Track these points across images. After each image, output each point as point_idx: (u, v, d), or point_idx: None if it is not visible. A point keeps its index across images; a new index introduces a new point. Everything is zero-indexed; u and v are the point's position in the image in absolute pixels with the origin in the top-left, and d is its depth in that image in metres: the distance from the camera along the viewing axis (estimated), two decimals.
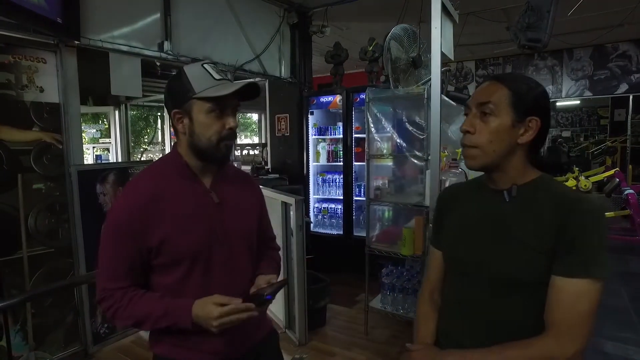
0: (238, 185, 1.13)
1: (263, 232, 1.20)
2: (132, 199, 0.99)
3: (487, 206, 0.92)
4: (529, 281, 0.83)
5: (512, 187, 0.88)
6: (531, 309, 0.85)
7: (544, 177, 0.90)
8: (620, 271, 4.19)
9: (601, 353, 2.63)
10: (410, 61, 2.74)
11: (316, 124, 4.42)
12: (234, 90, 0.96)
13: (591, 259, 0.78)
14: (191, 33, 3.31)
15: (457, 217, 0.98)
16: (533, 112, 0.85)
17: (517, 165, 0.87)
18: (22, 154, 2.40)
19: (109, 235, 0.98)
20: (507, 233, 0.86)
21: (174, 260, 0.99)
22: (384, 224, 3.21)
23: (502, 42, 5.96)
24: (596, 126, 10.99)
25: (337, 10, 4.36)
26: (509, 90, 0.84)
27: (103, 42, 2.68)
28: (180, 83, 0.98)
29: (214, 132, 0.98)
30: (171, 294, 0.99)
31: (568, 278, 0.78)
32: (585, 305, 0.78)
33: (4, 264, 2.29)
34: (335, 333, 2.96)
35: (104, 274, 0.99)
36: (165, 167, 1.05)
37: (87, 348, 2.66)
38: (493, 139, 0.84)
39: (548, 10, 2.98)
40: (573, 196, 0.83)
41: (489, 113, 0.85)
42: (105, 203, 2.75)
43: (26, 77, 2.38)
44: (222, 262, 1.03)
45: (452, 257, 0.98)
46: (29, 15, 2.02)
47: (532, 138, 0.86)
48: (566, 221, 0.80)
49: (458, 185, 1.10)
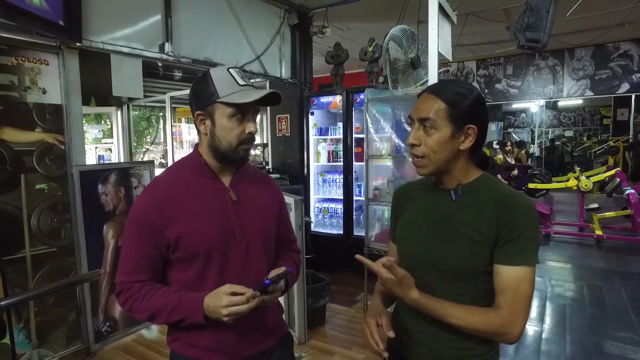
0: (257, 185, 1.15)
1: (282, 233, 1.20)
2: (152, 195, 1.03)
3: (435, 204, 1.00)
4: (474, 271, 0.92)
5: (458, 187, 0.97)
6: (476, 296, 0.94)
7: (485, 176, 0.99)
8: (620, 271, 4.19)
9: (600, 352, 2.64)
10: (409, 62, 2.76)
11: (316, 124, 4.44)
12: (258, 97, 0.99)
13: (526, 248, 0.88)
14: (192, 34, 3.34)
15: (409, 214, 1.07)
16: (470, 120, 0.93)
17: (461, 168, 0.97)
18: (25, 154, 2.43)
19: (130, 231, 1.03)
20: (453, 228, 0.94)
21: (189, 255, 1.01)
22: (383, 224, 3.23)
23: (503, 42, 5.97)
24: (599, 126, 10.96)
25: (338, 11, 4.38)
26: (446, 104, 0.92)
27: (104, 43, 2.71)
28: (206, 86, 1.01)
29: (234, 136, 1.01)
30: (188, 290, 1.01)
31: (509, 266, 0.88)
32: (527, 288, 0.88)
33: (8, 263, 2.32)
34: (335, 332, 2.98)
35: (123, 267, 1.03)
36: (185, 165, 1.09)
37: (89, 346, 2.69)
38: (437, 149, 0.93)
39: (547, 11, 2.99)
40: (509, 193, 0.93)
41: (430, 127, 0.93)
42: (107, 203, 2.78)
43: (29, 78, 2.41)
44: (237, 260, 1.04)
45: (403, 251, 1.06)
46: (32, 18, 2.05)
47: (472, 144, 0.94)
48: (504, 215, 0.89)
49: (412, 184, 1.17)
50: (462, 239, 0.93)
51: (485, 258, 0.91)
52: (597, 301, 3.49)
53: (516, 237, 0.88)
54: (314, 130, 4.42)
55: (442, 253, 0.95)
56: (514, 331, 0.88)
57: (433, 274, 0.96)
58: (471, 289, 0.94)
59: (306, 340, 2.79)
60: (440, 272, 0.95)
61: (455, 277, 0.94)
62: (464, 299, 0.93)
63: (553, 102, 8.38)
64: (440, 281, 0.95)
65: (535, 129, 9.78)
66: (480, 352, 0.96)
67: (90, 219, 2.66)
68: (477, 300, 0.93)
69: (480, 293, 0.94)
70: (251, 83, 1.04)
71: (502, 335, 0.90)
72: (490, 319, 0.89)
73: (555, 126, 11.30)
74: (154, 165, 3.13)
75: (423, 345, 1.00)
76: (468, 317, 0.89)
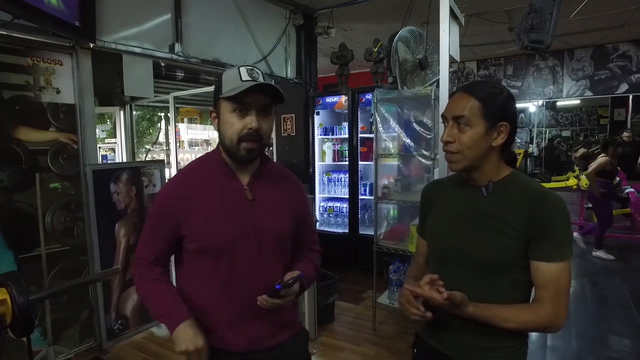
0: (277, 184, 1.15)
1: (302, 232, 1.20)
2: (173, 187, 1.12)
3: (467, 200, 1.03)
4: (506, 264, 0.95)
5: (489, 184, 1.00)
6: (510, 288, 0.97)
7: (515, 173, 1.02)
8: (621, 268, 4.26)
9: (603, 347, 2.70)
10: (417, 63, 2.80)
11: (322, 124, 4.48)
12: (243, 89, 0.97)
13: (562, 244, 0.92)
14: (201, 35, 3.37)
15: (439, 210, 1.10)
16: (502, 117, 0.97)
17: (493, 164, 1.00)
18: (40, 153, 2.46)
19: (151, 215, 1.13)
20: (485, 223, 0.98)
21: (201, 249, 1.05)
22: (389, 222, 3.27)
23: (504, 43, 6.03)
24: (596, 125, 11.05)
25: (342, 12, 4.42)
26: (479, 102, 0.96)
27: (117, 44, 2.74)
28: (218, 84, 1.06)
29: (235, 132, 1.02)
30: (199, 283, 1.07)
31: (547, 262, 0.92)
32: (565, 281, 0.93)
33: (24, 261, 2.34)
34: (344, 329, 3.02)
35: (141, 245, 1.13)
36: (205, 163, 1.13)
37: (102, 344, 2.72)
38: (471, 145, 0.96)
39: (551, 13, 3.04)
40: (541, 190, 0.96)
41: (464, 124, 0.96)
42: (119, 202, 2.81)
43: (44, 78, 2.44)
44: (248, 258, 1.05)
45: (434, 245, 1.10)
46: (49, 18, 2.08)
47: (504, 140, 0.98)
48: (537, 211, 0.93)
49: (440, 181, 1.21)
50: (493, 233, 0.96)
51: (517, 252, 0.94)
52: (600, 297, 3.55)
53: (551, 234, 0.92)
54: (319, 130, 4.46)
55: (474, 247, 0.98)
56: (560, 322, 0.93)
57: (465, 267, 0.99)
58: (504, 282, 0.97)
59: (316, 337, 2.83)
60: (472, 265, 0.98)
61: (488, 270, 0.97)
62: (497, 292, 0.96)
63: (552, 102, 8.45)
64: (473, 274, 0.98)
65: (534, 128, 9.86)
66: (510, 342, 0.99)
67: (102, 217, 2.69)
68: (510, 292, 0.97)
69: (514, 285, 0.97)
70: (257, 79, 1.01)
71: (550, 328, 0.95)
72: (539, 315, 0.93)
73: (553, 126, 11.39)
74: (165, 165, 3.16)
75: (454, 337, 1.03)
76: (521, 318, 0.93)
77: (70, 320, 2.63)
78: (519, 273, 0.96)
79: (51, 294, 1.37)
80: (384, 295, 2.96)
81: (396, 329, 2.95)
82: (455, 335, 1.02)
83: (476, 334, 0.99)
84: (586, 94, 6.73)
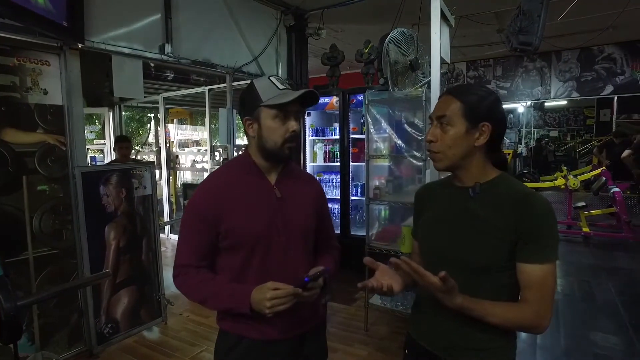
0: (300, 183, 1.25)
1: (323, 227, 1.29)
2: (208, 190, 1.16)
3: (454, 201, 1.05)
4: (492, 266, 0.97)
5: (476, 185, 1.02)
6: (496, 290, 0.98)
7: (503, 175, 1.04)
8: (607, 267, 4.34)
9: (590, 344, 2.74)
10: (408, 64, 2.82)
11: (313, 125, 4.48)
12: (294, 97, 1.09)
13: (547, 246, 0.93)
14: (191, 35, 3.35)
15: (430, 212, 1.12)
16: (485, 118, 0.98)
17: (478, 165, 1.02)
18: (27, 155, 2.42)
19: (188, 220, 1.15)
20: (471, 224, 0.99)
21: (236, 244, 1.12)
22: (381, 223, 3.29)
23: (493, 44, 6.10)
24: (582, 126, 11.26)
25: (333, 13, 4.42)
26: (461, 103, 0.99)
27: (106, 44, 2.70)
28: (251, 94, 1.13)
29: (279, 135, 1.12)
30: (234, 275, 1.13)
31: (532, 264, 0.93)
32: (551, 282, 0.94)
33: (10, 265, 2.30)
34: (336, 330, 3.02)
35: (181, 253, 1.15)
36: (236, 165, 1.21)
37: (92, 348, 2.68)
38: (451, 144, 0.99)
39: (539, 15, 3.08)
40: (527, 192, 0.98)
41: (446, 124, 0.99)
42: (108, 204, 2.77)
43: (30, 79, 2.40)
44: (279, 250, 1.14)
45: (425, 247, 1.11)
46: (37, 18, 2.05)
47: (486, 141, 0.99)
48: (523, 214, 0.94)
49: (432, 184, 1.24)
50: (480, 235, 0.97)
51: (504, 253, 0.95)
52: (587, 296, 3.61)
53: (537, 236, 0.93)
54: (310, 131, 4.46)
55: (462, 249, 0.99)
56: (544, 323, 0.94)
57: (454, 269, 0.99)
58: (488, 283, 0.98)
59: None
60: (460, 267, 0.99)
61: (475, 272, 0.98)
62: (486, 294, 0.97)
63: (540, 103, 8.58)
64: (461, 276, 0.98)
65: (523, 129, 9.99)
66: (499, 344, 1.01)
67: (91, 220, 2.65)
68: (498, 293, 0.97)
69: (502, 287, 0.98)
70: (288, 87, 1.14)
71: (534, 328, 0.95)
72: (524, 315, 0.94)
73: (541, 126, 11.56)
74: (155, 166, 3.13)
75: (444, 338, 1.04)
76: (506, 315, 0.94)
77: (58, 325, 2.59)
78: (505, 275, 0.97)
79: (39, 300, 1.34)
80: (376, 296, 2.97)
81: (388, 330, 2.97)
82: (445, 336, 1.04)
83: (466, 334, 1.00)
84: (573, 95, 6.84)
